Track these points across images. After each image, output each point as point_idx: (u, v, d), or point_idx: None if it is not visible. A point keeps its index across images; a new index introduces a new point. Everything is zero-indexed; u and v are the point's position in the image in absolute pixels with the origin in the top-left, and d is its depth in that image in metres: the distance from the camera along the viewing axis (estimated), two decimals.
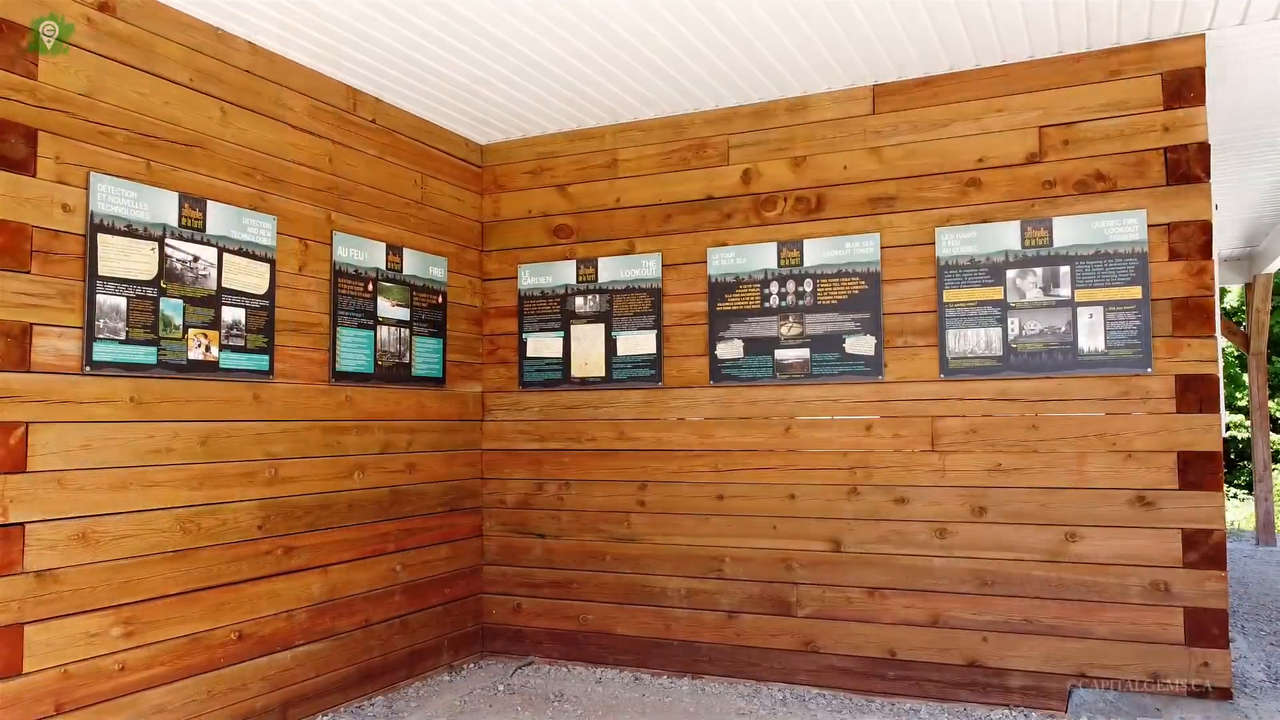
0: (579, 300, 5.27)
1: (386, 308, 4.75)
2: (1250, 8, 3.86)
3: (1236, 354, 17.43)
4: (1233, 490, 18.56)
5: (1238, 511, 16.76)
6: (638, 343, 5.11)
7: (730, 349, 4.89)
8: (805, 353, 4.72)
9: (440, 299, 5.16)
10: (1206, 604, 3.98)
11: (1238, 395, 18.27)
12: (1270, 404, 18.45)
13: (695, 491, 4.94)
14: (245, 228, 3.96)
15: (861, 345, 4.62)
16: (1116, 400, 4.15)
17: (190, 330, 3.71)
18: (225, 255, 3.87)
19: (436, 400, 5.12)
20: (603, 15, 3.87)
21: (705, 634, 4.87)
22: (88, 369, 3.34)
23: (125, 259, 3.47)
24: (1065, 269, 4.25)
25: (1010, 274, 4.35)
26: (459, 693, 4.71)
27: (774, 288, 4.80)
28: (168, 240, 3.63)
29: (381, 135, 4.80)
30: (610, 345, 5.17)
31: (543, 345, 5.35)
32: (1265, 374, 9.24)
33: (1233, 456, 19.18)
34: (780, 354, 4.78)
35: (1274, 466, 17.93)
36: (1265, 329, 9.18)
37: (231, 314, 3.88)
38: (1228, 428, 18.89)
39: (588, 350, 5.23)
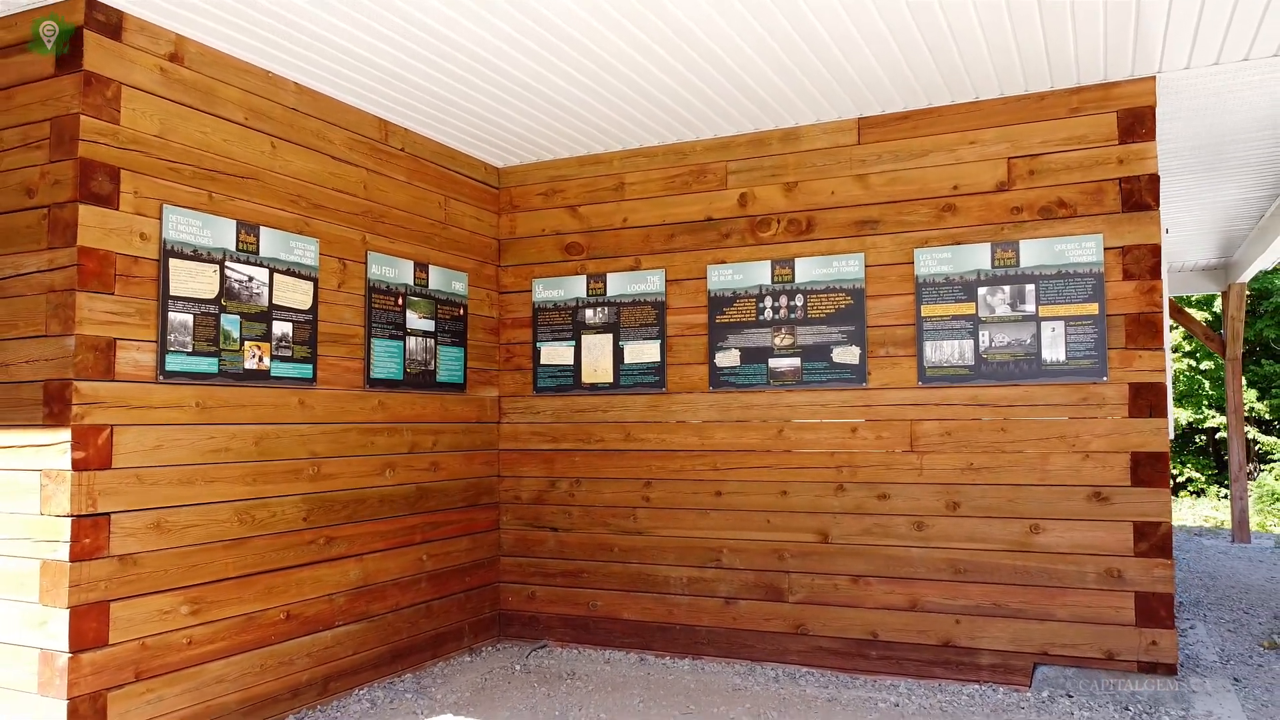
0: (589, 312, 5.72)
1: (414, 320, 5.21)
2: (1194, 55, 4.31)
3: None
4: (1223, 490, 18.98)
5: (1229, 511, 17.16)
6: (643, 352, 5.56)
7: (728, 358, 5.34)
8: (796, 361, 5.17)
9: (461, 311, 5.61)
10: (1155, 589, 4.42)
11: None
12: (1260, 405, 18.88)
13: (696, 488, 5.38)
14: (292, 250, 4.42)
15: (847, 355, 5.06)
16: (1076, 406, 4.60)
17: (246, 342, 4.16)
18: (275, 275, 4.32)
19: (458, 404, 5.57)
20: (609, 56, 4.32)
21: (705, 618, 5.31)
22: (160, 378, 3.79)
23: (192, 280, 3.92)
24: (1030, 287, 4.70)
25: (981, 291, 4.79)
26: (480, 672, 5.16)
27: (768, 302, 5.25)
28: (227, 263, 4.09)
29: (409, 162, 5.25)
30: (618, 354, 5.62)
31: (555, 353, 5.80)
32: (1240, 378, 9.68)
33: (1225, 457, 19.60)
34: (774, 362, 5.23)
35: (1264, 467, 18.36)
36: (1240, 336, 9.63)
37: (280, 327, 4.34)
38: (1217, 429, 19.33)
39: (597, 358, 5.68)
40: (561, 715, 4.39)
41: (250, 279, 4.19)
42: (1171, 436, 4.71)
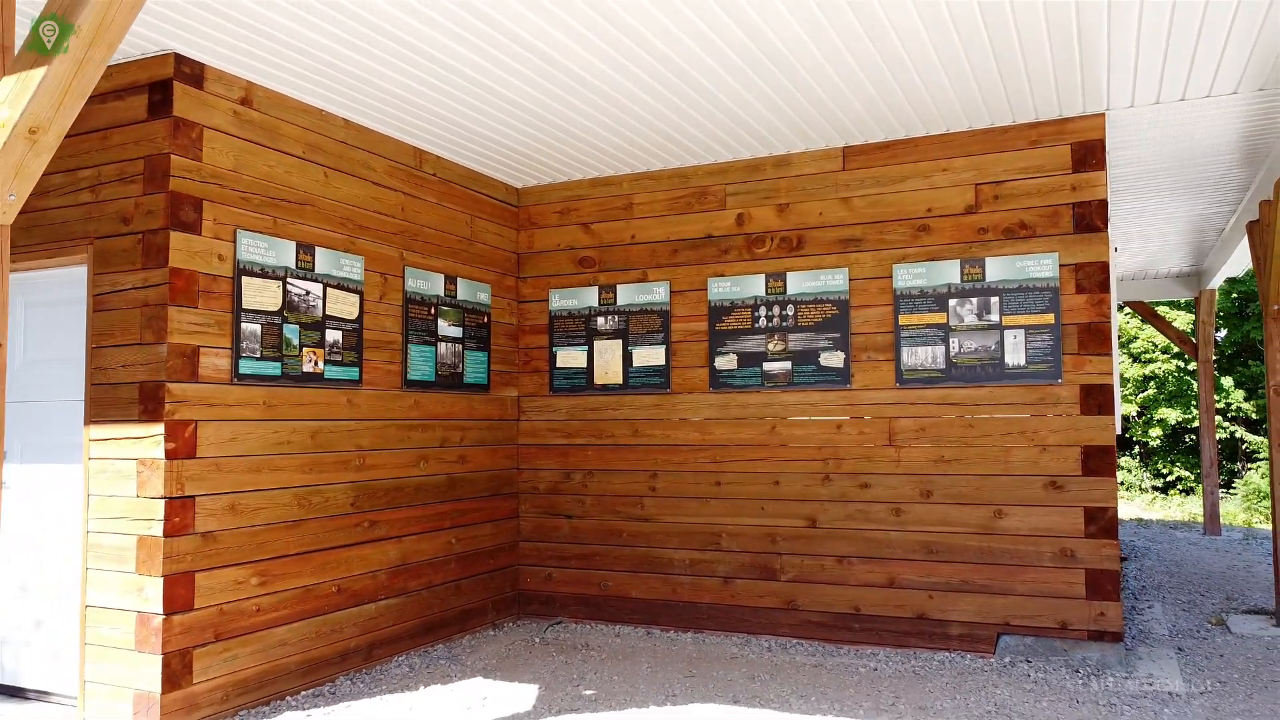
0: (600, 320, 6.31)
1: (444, 327, 5.80)
2: (1136, 95, 4.89)
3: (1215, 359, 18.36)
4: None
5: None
6: (650, 356, 6.15)
7: (726, 361, 5.92)
8: (788, 365, 5.76)
9: (485, 319, 6.20)
10: (1102, 566, 5.00)
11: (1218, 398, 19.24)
12: (1247, 405, 19.44)
13: (697, 479, 5.97)
14: (342, 267, 5.01)
15: (833, 359, 5.65)
16: (1034, 405, 5.18)
17: (304, 349, 4.75)
18: (328, 289, 4.91)
19: (482, 403, 6.16)
20: (617, 94, 4.90)
21: (705, 596, 5.90)
22: (234, 380, 4.38)
23: (260, 295, 4.51)
24: (995, 299, 5.29)
25: (952, 303, 5.38)
26: (503, 643, 5.75)
27: (762, 311, 5.83)
28: (288, 279, 4.68)
29: (440, 185, 5.84)
30: (627, 357, 6.21)
31: (570, 357, 6.39)
32: (1211, 379, 10.25)
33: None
34: (767, 366, 5.81)
35: (1250, 465, 18.91)
36: (1210, 339, 10.21)
37: (332, 335, 4.93)
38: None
39: (608, 362, 6.27)
40: (578, 678, 4.98)
41: (307, 293, 4.78)
42: (1120, 432, 5.28)
